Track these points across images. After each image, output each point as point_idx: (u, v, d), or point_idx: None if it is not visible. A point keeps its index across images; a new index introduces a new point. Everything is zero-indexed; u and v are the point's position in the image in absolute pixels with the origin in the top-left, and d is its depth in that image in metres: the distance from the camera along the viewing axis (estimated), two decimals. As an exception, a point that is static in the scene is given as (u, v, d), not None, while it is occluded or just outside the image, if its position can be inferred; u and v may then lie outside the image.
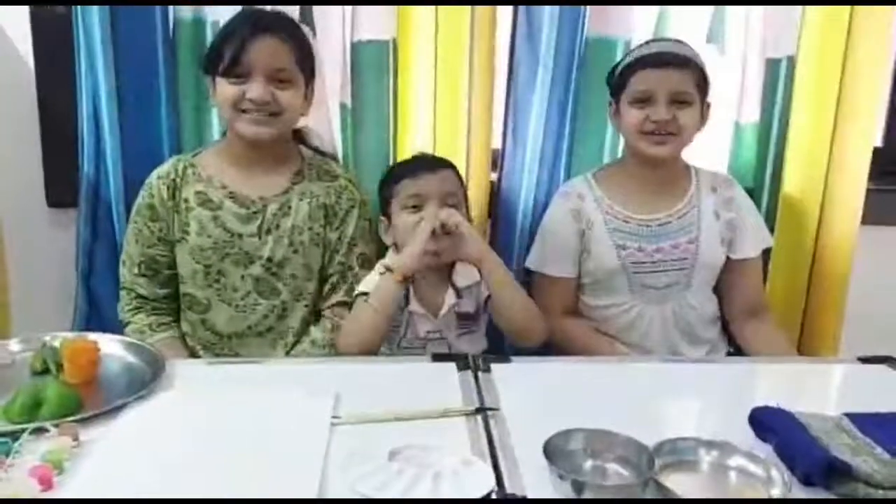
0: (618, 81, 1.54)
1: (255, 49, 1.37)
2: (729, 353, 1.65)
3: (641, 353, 1.57)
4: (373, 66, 1.66)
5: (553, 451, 0.90)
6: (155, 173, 1.50)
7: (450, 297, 1.45)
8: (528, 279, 1.65)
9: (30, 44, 1.71)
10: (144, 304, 1.51)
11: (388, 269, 1.39)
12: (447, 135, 1.68)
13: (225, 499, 0.86)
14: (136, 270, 1.50)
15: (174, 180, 1.48)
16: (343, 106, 1.72)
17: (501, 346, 1.53)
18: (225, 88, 1.40)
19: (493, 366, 1.25)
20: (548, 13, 1.61)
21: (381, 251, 1.55)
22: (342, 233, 1.50)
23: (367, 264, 1.51)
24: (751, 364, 1.45)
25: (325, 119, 1.71)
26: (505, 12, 1.66)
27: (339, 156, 1.71)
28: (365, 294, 1.41)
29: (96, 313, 1.70)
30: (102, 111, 1.63)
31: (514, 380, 1.21)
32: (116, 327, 1.52)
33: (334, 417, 1.05)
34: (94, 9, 1.57)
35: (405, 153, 1.69)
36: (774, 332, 1.64)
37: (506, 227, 1.74)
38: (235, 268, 1.47)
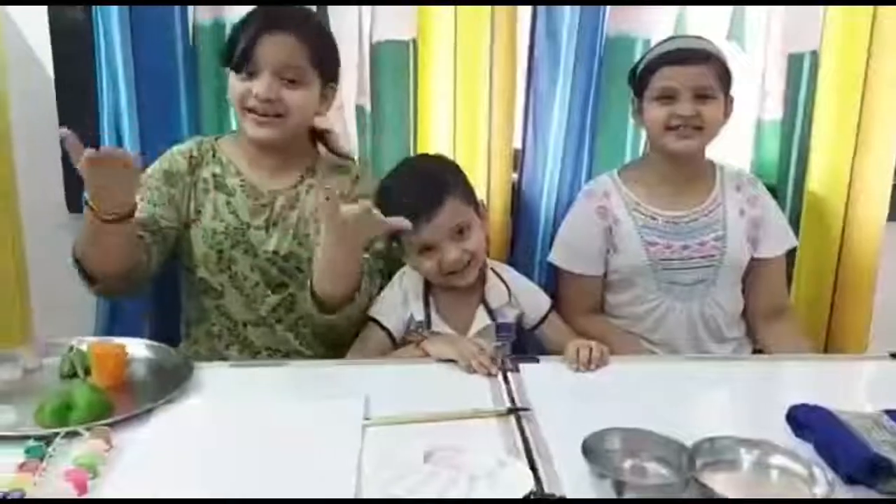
0: (640, 79, 1.53)
1: (266, 45, 1.33)
2: (754, 352, 1.63)
3: (668, 351, 1.56)
4: (393, 66, 1.65)
5: (591, 450, 0.89)
6: (175, 147, 1.48)
7: (481, 317, 1.42)
8: (553, 276, 1.64)
9: (49, 50, 1.71)
10: None
11: (417, 343, 1.34)
12: (467, 135, 1.67)
13: (264, 499, 0.85)
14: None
15: (194, 156, 1.45)
16: (359, 108, 1.71)
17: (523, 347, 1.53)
18: (234, 84, 1.37)
19: (521, 366, 1.24)
20: (568, 12, 1.60)
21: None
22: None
23: (378, 255, 1.44)
24: (782, 362, 1.43)
25: (340, 121, 1.70)
26: (524, 12, 1.65)
27: (356, 158, 1.70)
28: (375, 321, 1.39)
29: (118, 319, 1.70)
30: (123, 118, 1.62)
31: (542, 380, 1.20)
32: (138, 332, 1.51)
33: (365, 419, 1.04)
34: (115, 15, 1.57)
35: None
36: (797, 333, 1.62)
37: (528, 227, 1.73)
38: (244, 257, 1.44)
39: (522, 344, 1.54)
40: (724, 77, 1.48)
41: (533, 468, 0.92)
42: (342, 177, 1.48)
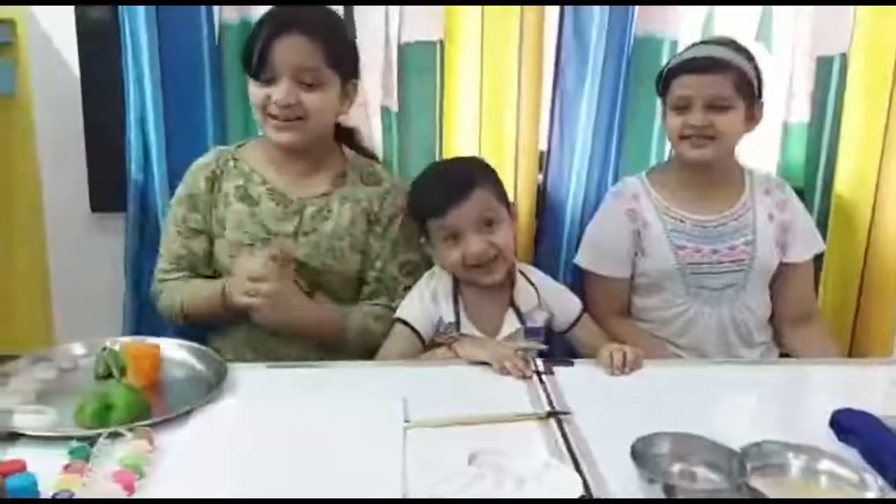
0: (662, 86, 1.53)
1: (280, 49, 1.30)
2: (781, 356, 1.62)
3: (694, 355, 1.55)
4: (420, 67, 1.65)
5: (639, 454, 0.88)
6: (196, 163, 1.46)
7: (511, 321, 1.41)
8: (579, 278, 1.63)
9: (75, 50, 1.71)
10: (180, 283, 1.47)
11: (448, 346, 1.33)
12: (494, 136, 1.67)
13: (311, 499, 0.85)
14: (172, 262, 1.45)
15: (214, 171, 1.44)
16: (385, 109, 1.71)
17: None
18: (253, 91, 1.35)
19: (556, 369, 1.24)
20: (597, 12, 1.60)
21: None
22: (385, 240, 1.44)
23: (413, 272, 1.45)
24: (812, 366, 1.42)
25: (365, 120, 1.70)
26: (552, 12, 1.65)
27: (380, 158, 1.70)
28: (404, 322, 1.38)
29: (145, 319, 1.69)
30: (149, 118, 1.62)
31: (577, 383, 1.20)
32: (164, 332, 1.50)
33: (405, 421, 1.04)
34: (141, 16, 1.57)
35: (451, 154, 1.68)
36: (824, 338, 1.62)
37: (553, 228, 1.73)
38: (287, 256, 1.41)
39: (549, 347, 1.52)
40: (745, 85, 1.46)
41: (578, 472, 0.92)
42: (371, 189, 1.45)
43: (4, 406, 1.02)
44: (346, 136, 1.52)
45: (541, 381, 1.19)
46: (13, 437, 0.96)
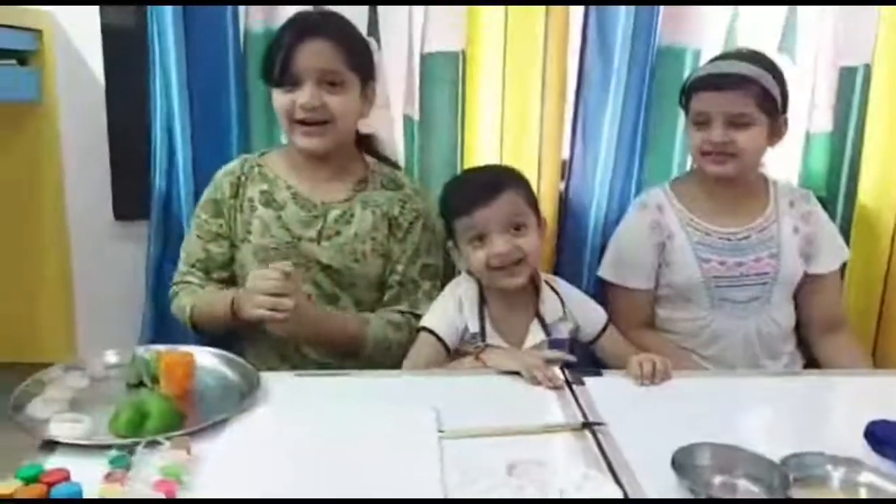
0: (684, 100, 1.53)
1: (303, 54, 1.34)
2: (805, 366, 1.62)
3: (719, 366, 1.55)
4: (442, 77, 1.65)
5: (680, 465, 0.88)
6: (221, 170, 1.49)
7: (536, 332, 1.41)
8: (602, 289, 1.63)
9: (100, 59, 1.72)
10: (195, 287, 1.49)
11: (476, 356, 1.33)
12: (515, 146, 1.68)
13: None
14: (191, 264, 1.48)
15: (239, 178, 1.46)
16: (407, 117, 1.71)
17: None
18: (278, 98, 1.38)
19: (585, 379, 1.24)
20: (622, 20, 1.60)
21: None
22: (405, 244, 1.47)
23: (434, 276, 1.48)
24: (845, 377, 1.41)
25: (387, 128, 1.70)
26: (576, 20, 1.65)
27: (402, 166, 1.70)
28: (429, 331, 1.38)
29: (164, 327, 1.70)
30: (175, 126, 1.63)
31: (608, 393, 1.19)
32: (183, 341, 1.50)
33: (439, 431, 1.04)
34: (168, 24, 1.58)
35: (473, 164, 1.68)
36: (852, 346, 1.61)
37: (575, 238, 1.73)
38: (296, 270, 1.41)
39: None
40: (767, 101, 1.45)
41: (617, 483, 0.92)
42: (391, 193, 1.47)
43: (41, 415, 1.02)
44: (365, 143, 1.54)
45: (571, 391, 1.19)
46: (50, 445, 0.96)
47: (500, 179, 1.39)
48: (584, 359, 1.52)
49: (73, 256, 1.80)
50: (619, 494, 0.87)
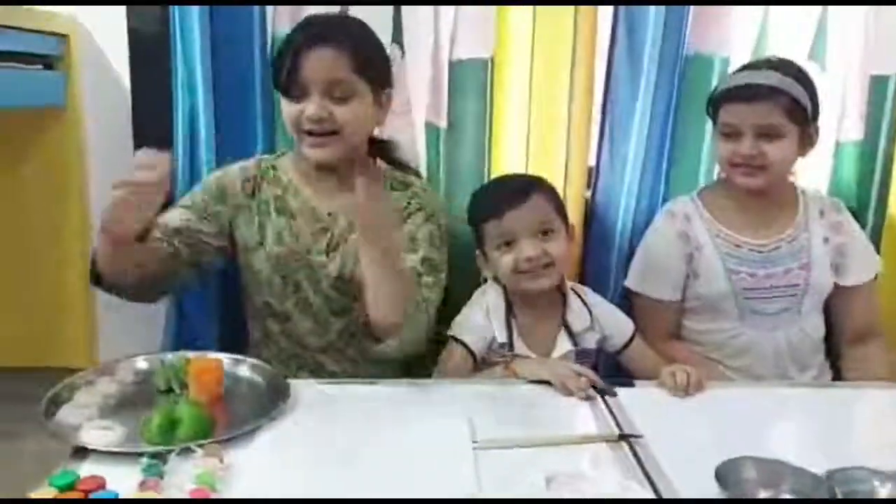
0: (712, 111, 1.51)
1: (308, 63, 1.28)
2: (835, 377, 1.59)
3: (747, 378, 1.52)
4: (469, 84, 1.63)
5: (723, 479, 0.86)
6: (232, 165, 1.44)
7: (563, 342, 1.40)
8: (629, 299, 1.61)
9: (125, 63, 1.72)
10: None
11: (506, 365, 1.31)
12: (542, 154, 1.66)
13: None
14: (160, 227, 1.31)
15: (255, 177, 1.42)
16: (431, 125, 1.70)
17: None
18: (285, 108, 1.33)
19: (618, 389, 1.21)
20: (651, 27, 1.58)
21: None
22: (401, 233, 1.36)
23: (434, 271, 1.35)
24: (878, 389, 1.38)
25: (408, 135, 1.69)
26: (604, 28, 1.64)
27: (424, 173, 1.69)
28: (457, 340, 1.36)
29: (187, 332, 1.68)
30: (200, 131, 1.61)
31: (642, 404, 1.18)
32: (208, 347, 1.49)
33: (473, 441, 1.02)
34: (194, 29, 1.56)
35: (499, 173, 1.66)
36: (879, 356, 1.58)
37: (601, 246, 1.70)
38: (308, 282, 1.40)
39: (598, 367, 1.51)
40: (798, 111, 1.42)
41: (657, 495, 0.90)
42: (398, 193, 1.42)
43: (72, 421, 1.02)
44: (381, 150, 1.49)
45: (604, 402, 1.17)
46: (81, 452, 0.95)
47: (529, 185, 1.41)
48: (611, 369, 1.51)
49: (95, 261, 1.79)
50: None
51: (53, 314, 1.78)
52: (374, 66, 1.35)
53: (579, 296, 1.46)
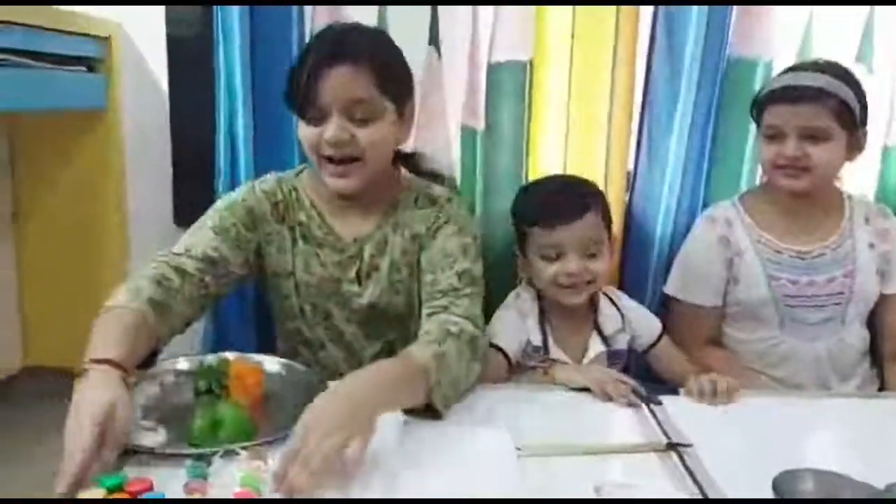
0: (756, 113, 1.48)
1: (326, 83, 1.17)
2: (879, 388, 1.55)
3: (789, 388, 1.49)
4: (509, 86, 1.62)
5: (781, 491, 0.83)
6: (254, 185, 1.33)
7: (595, 344, 1.41)
8: (667, 306, 1.59)
9: (164, 66, 1.73)
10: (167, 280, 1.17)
11: (545, 371, 1.30)
12: (581, 156, 1.65)
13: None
14: (189, 252, 1.22)
15: (279, 203, 1.32)
16: (467, 128, 1.68)
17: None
18: (303, 131, 1.24)
19: (662, 398, 1.19)
20: (693, 28, 1.56)
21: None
22: (432, 251, 1.29)
23: (473, 283, 1.26)
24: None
25: (442, 140, 1.68)
26: (645, 30, 1.61)
27: (458, 179, 1.68)
28: (494, 346, 1.34)
29: (223, 337, 1.68)
30: (238, 132, 1.62)
31: (687, 413, 1.15)
32: (245, 349, 1.48)
33: (517, 449, 1.00)
34: (234, 28, 1.56)
35: (537, 176, 1.65)
36: None
37: (639, 250, 1.68)
38: (341, 311, 1.35)
39: (627, 367, 1.50)
40: (846, 114, 1.39)
41: (710, 508, 0.88)
42: (423, 212, 1.33)
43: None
44: (407, 161, 1.42)
45: (650, 410, 1.14)
46: (126, 453, 0.94)
47: (585, 198, 1.39)
48: (640, 370, 1.50)
49: (132, 262, 1.81)
50: (716, 521, 0.83)
51: (90, 314, 1.79)
52: (397, 81, 1.25)
53: (610, 298, 1.46)
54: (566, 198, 1.38)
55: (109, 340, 1.01)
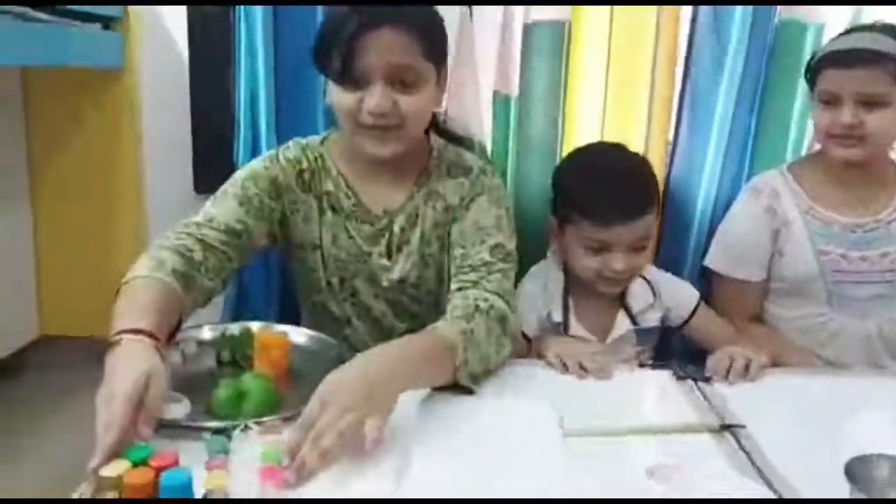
0: (810, 78, 1.40)
1: (369, 48, 1.09)
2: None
3: (837, 367, 1.42)
4: (545, 49, 1.54)
5: (854, 476, 0.77)
6: (278, 153, 1.26)
7: (622, 323, 1.35)
8: (708, 280, 1.52)
9: (184, 28, 1.67)
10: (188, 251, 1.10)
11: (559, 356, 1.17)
12: (621, 124, 1.57)
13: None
14: (211, 223, 1.15)
15: (304, 171, 1.25)
16: (499, 94, 1.61)
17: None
18: (339, 97, 1.14)
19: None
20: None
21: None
22: (464, 223, 1.22)
23: (507, 259, 1.19)
24: None
25: (473, 105, 1.60)
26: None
27: (489, 146, 1.61)
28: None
29: (245, 306, 1.63)
30: (260, 97, 1.56)
31: (737, 392, 1.08)
32: (265, 318, 1.43)
33: (560, 428, 0.94)
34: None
35: (572, 144, 1.57)
36: None
37: (678, 224, 1.60)
38: (368, 286, 1.29)
39: (666, 344, 1.46)
40: None
41: (772, 490, 0.81)
42: (455, 181, 1.25)
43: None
44: (437, 126, 1.36)
45: (699, 389, 1.08)
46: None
47: (644, 198, 1.31)
48: (675, 346, 1.46)
49: (151, 230, 1.76)
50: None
51: (106, 283, 1.75)
52: (440, 45, 1.18)
53: (642, 274, 1.39)
54: (626, 195, 1.29)
55: (139, 310, 0.95)
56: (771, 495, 0.80)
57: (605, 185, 1.31)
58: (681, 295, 1.41)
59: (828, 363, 1.43)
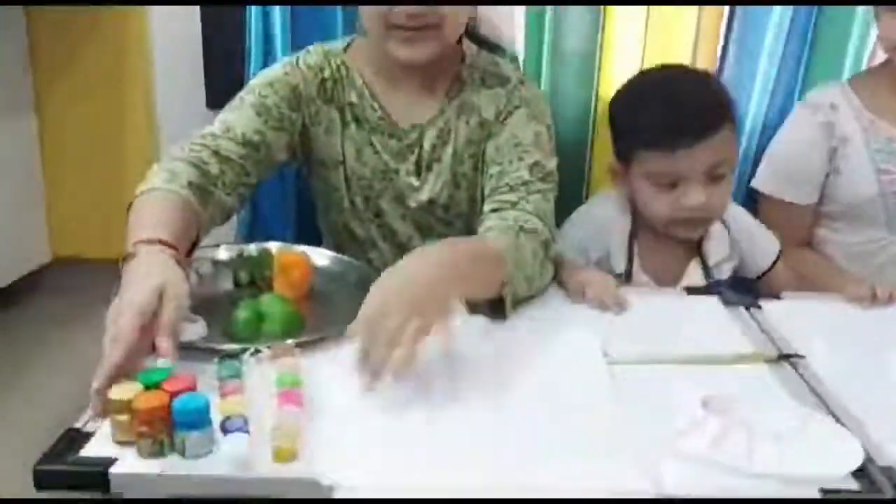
0: None
1: None
2: None
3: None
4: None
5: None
6: (298, 58, 1.16)
7: (694, 274, 1.19)
8: (755, 201, 1.42)
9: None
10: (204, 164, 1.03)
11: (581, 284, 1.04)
12: (663, 35, 1.45)
13: None
14: (228, 133, 1.07)
15: (326, 79, 1.15)
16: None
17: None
18: None
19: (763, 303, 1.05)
20: None
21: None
22: (500, 139, 1.12)
23: (547, 179, 1.09)
24: None
25: (505, 13, 1.47)
26: None
27: (521, 60, 1.49)
28: None
29: (259, 226, 1.56)
30: (274, 8, 1.45)
31: (792, 321, 1.00)
32: (281, 238, 1.35)
33: (605, 355, 0.87)
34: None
35: (611, 62, 1.46)
36: None
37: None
38: (395, 207, 1.21)
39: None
40: None
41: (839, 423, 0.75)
42: (491, 92, 1.15)
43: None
44: (469, 28, 1.22)
45: (752, 317, 1.00)
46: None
47: (718, 115, 1.10)
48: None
49: (162, 147, 1.68)
50: (858, 446, 0.69)
51: (119, 203, 1.69)
52: None
53: (723, 220, 1.22)
54: (692, 111, 1.09)
55: (156, 220, 0.88)
56: (840, 426, 0.73)
57: (666, 105, 1.11)
58: (761, 248, 1.26)
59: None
